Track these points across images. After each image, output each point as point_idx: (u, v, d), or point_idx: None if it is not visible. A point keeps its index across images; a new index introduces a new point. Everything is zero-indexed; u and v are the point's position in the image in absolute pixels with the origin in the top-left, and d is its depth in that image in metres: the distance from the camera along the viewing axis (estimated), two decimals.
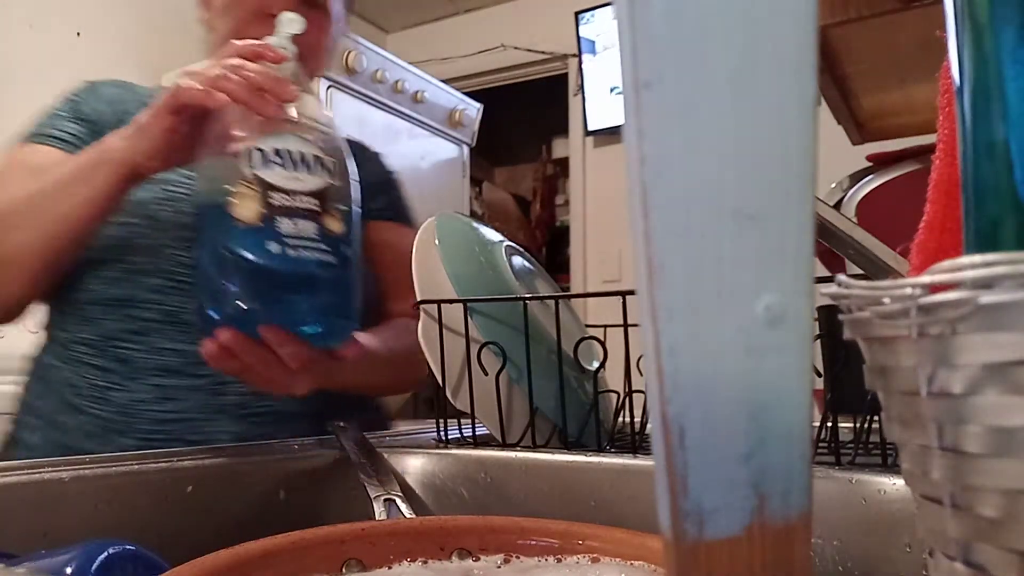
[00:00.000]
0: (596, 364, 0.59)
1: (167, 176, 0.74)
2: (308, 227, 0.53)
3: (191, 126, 0.61)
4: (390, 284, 0.90)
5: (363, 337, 0.62)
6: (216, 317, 0.54)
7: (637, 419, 0.56)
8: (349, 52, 2.26)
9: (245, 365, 0.57)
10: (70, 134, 0.80)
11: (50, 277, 0.74)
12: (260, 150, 0.54)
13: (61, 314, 0.80)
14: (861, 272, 0.45)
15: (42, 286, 0.75)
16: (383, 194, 0.94)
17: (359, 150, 0.96)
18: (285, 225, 0.52)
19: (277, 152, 0.54)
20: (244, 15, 0.81)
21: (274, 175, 0.53)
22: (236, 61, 0.59)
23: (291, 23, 0.63)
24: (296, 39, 0.84)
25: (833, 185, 0.84)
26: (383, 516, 0.45)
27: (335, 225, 0.55)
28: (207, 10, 0.86)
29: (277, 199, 0.53)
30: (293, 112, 0.58)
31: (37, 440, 0.78)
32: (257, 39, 0.80)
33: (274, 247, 0.52)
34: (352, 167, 0.60)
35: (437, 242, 0.62)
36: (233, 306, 0.52)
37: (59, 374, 0.78)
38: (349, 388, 0.72)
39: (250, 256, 0.52)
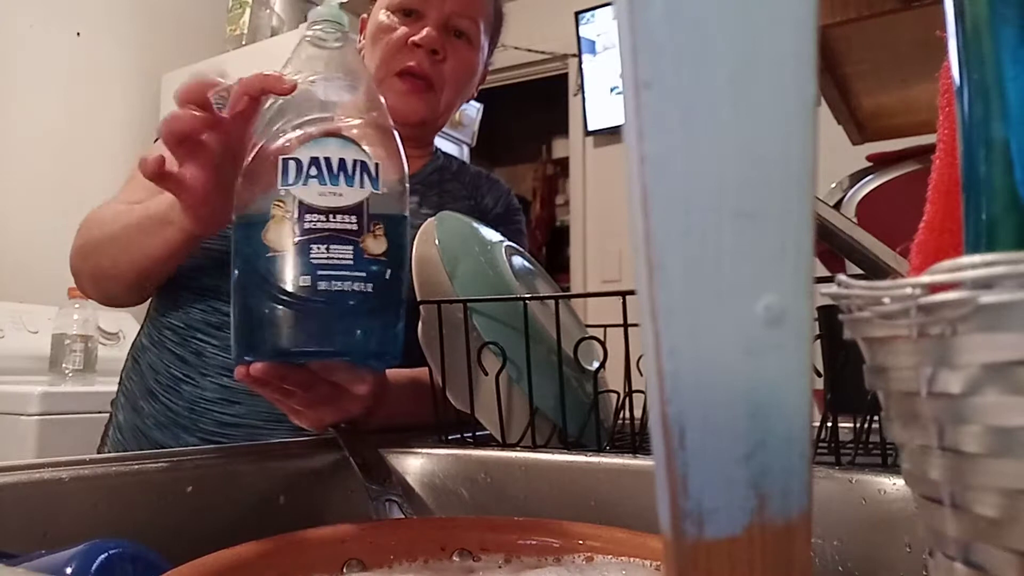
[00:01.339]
0: (596, 364, 0.59)
1: None
2: (344, 252, 0.48)
3: (224, 173, 0.56)
4: None
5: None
6: (244, 350, 0.50)
7: (637, 419, 0.56)
8: None
9: (279, 392, 0.54)
10: None
11: (149, 287, 0.79)
12: (296, 161, 0.49)
13: (159, 296, 0.83)
14: (861, 272, 0.45)
15: (143, 292, 0.80)
16: (502, 226, 0.94)
17: (486, 181, 1.00)
18: (318, 252, 0.47)
19: (314, 162, 0.49)
20: (391, 45, 0.87)
21: (309, 192, 0.48)
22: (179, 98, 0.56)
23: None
24: (441, 66, 0.87)
25: (833, 185, 0.84)
26: (383, 516, 0.45)
27: (375, 245, 0.49)
28: (363, 41, 0.93)
29: (311, 221, 0.48)
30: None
31: (123, 420, 0.82)
32: (402, 68, 0.85)
33: (305, 280, 0.47)
34: (403, 159, 0.54)
35: (437, 242, 0.62)
36: (261, 340, 0.49)
37: (148, 357, 0.82)
38: (384, 423, 0.71)
39: (279, 290, 0.48)
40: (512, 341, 0.55)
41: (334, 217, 0.48)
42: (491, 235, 0.69)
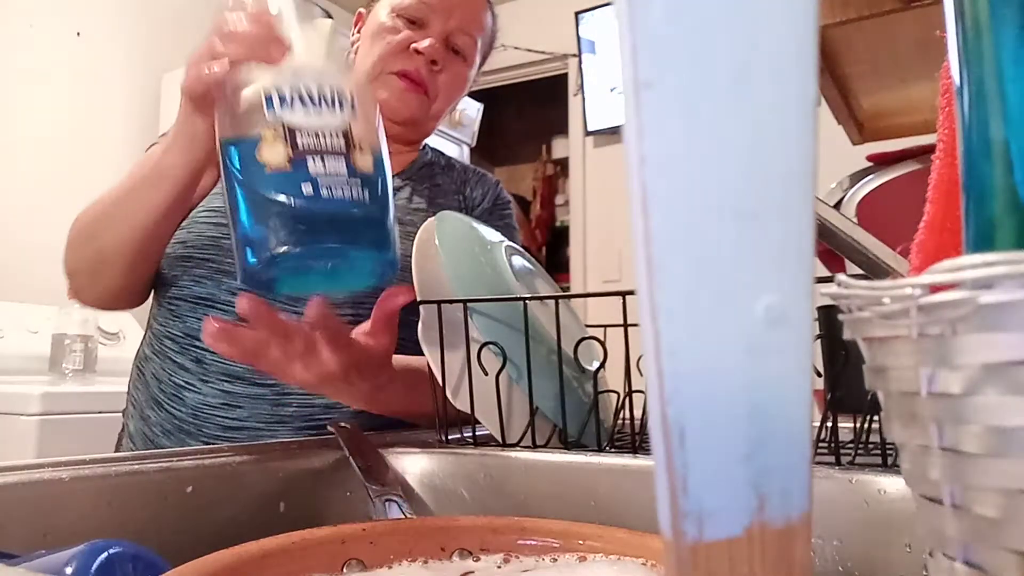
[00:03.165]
0: (596, 364, 0.59)
1: None
2: (338, 166, 0.51)
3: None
4: None
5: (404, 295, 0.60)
6: (254, 262, 0.52)
7: (637, 419, 0.56)
8: (350, 52, 2.26)
9: (259, 342, 0.56)
10: None
11: (145, 268, 0.80)
12: (279, 90, 0.52)
13: (158, 307, 0.85)
14: (861, 272, 0.45)
15: (138, 277, 0.81)
16: (490, 222, 0.95)
17: (474, 175, 1.02)
18: (315, 166, 0.50)
19: (296, 91, 0.52)
20: (392, 47, 0.89)
21: (296, 115, 0.51)
22: (222, 25, 0.58)
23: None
24: (437, 77, 0.89)
25: (833, 185, 0.84)
26: (383, 516, 0.46)
27: (364, 162, 0.53)
28: (358, 35, 0.95)
29: (303, 140, 0.51)
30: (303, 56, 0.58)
31: (132, 428, 0.84)
32: (400, 70, 0.87)
33: (307, 188, 0.50)
34: (377, 113, 0.58)
35: (437, 242, 0.62)
36: (271, 250, 0.50)
37: (150, 366, 0.83)
38: (388, 410, 0.71)
39: (285, 199, 0.50)
40: (512, 341, 0.55)
41: (324, 135, 0.51)
42: (491, 235, 0.69)
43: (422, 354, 0.60)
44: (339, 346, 0.57)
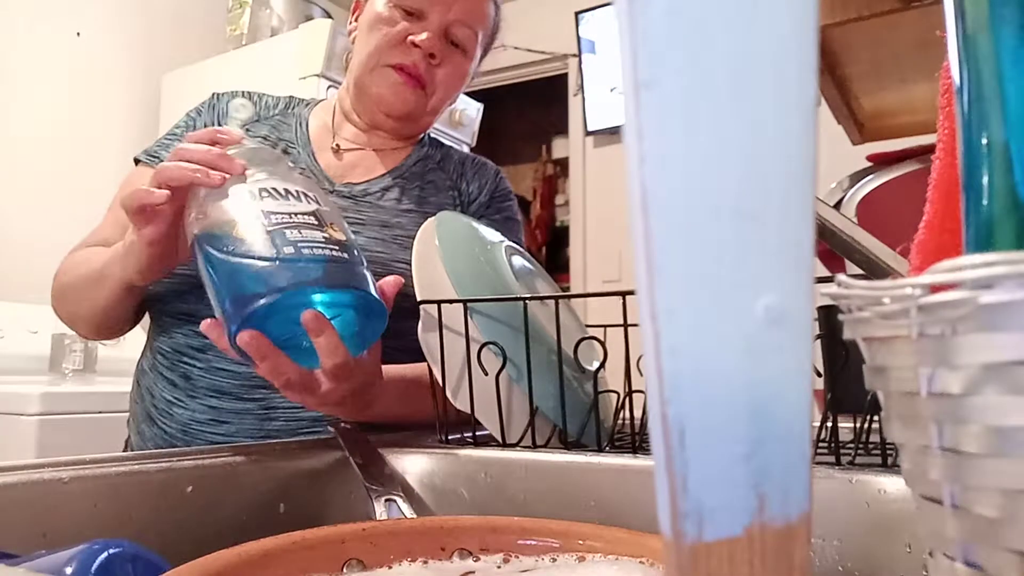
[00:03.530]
0: (596, 364, 0.59)
1: None
2: (314, 234, 0.54)
3: (169, 227, 0.62)
4: None
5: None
6: (235, 325, 0.53)
7: (637, 419, 0.56)
8: (350, 52, 2.26)
9: (273, 366, 0.55)
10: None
11: (116, 326, 0.83)
12: (250, 190, 0.56)
13: (152, 321, 0.86)
14: (861, 272, 0.45)
15: (109, 334, 0.84)
16: (486, 216, 0.94)
17: (472, 166, 0.99)
18: (292, 233, 0.53)
19: (263, 190, 0.56)
20: (389, 38, 0.87)
21: (267, 205, 0.55)
22: (181, 147, 0.60)
23: (240, 109, 0.69)
24: (435, 71, 0.89)
25: (833, 185, 0.84)
26: (383, 516, 0.46)
27: (339, 234, 0.56)
28: (355, 24, 0.94)
29: (278, 217, 0.54)
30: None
31: (134, 441, 0.85)
32: (397, 64, 0.86)
33: (287, 249, 0.52)
34: (336, 210, 0.61)
35: (437, 242, 0.62)
36: (255, 306, 0.51)
37: (146, 380, 0.83)
38: (378, 419, 0.71)
39: (265, 257, 0.52)
40: (512, 341, 0.55)
41: (297, 216, 0.55)
42: (491, 235, 0.69)
43: (417, 361, 0.60)
44: (341, 378, 0.57)
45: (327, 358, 0.54)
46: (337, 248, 0.54)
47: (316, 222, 0.55)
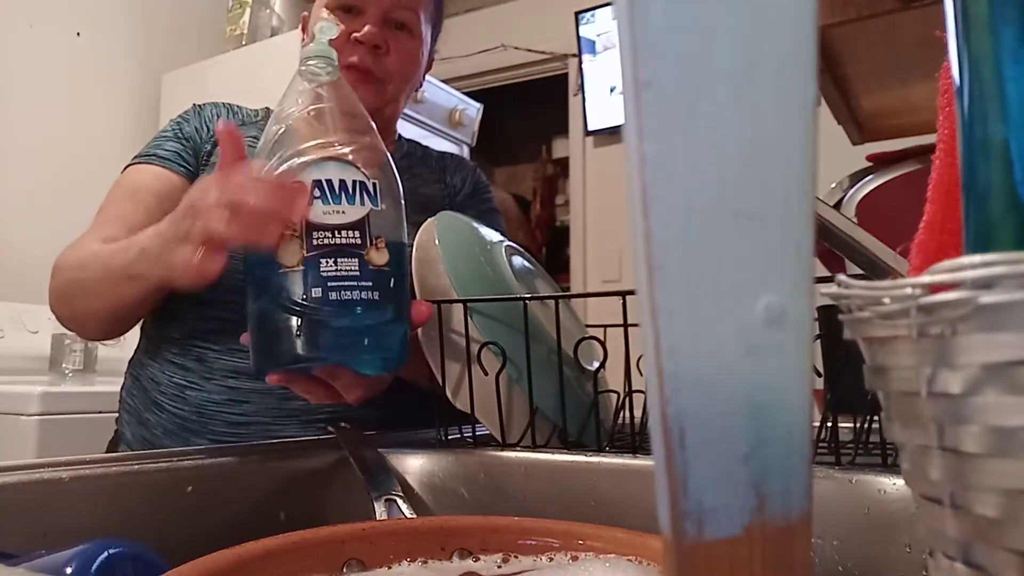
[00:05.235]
0: (596, 364, 0.59)
1: None
2: (350, 264, 0.52)
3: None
4: None
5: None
6: (263, 362, 0.54)
7: (637, 419, 0.56)
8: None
9: (305, 391, 0.58)
10: (169, 151, 0.86)
11: (122, 327, 0.80)
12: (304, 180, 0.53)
13: (152, 314, 0.85)
14: (861, 272, 0.45)
15: (122, 330, 0.81)
16: (472, 207, 0.95)
17: (451, 160, 1.01)
18: (327, 266, 0.51)
19: (317, 185, 0.52)
20: (333, 43, 0.86)
21: (314, 212, 0.52)
22: (241, 200, 0.53)
23: (326, 30, 0.60)
24: (384, 60, 0.88)
25: (833, 185, 0.84)
26: (383, 516, 0.46)
27: (378, 257, 0.53)
28: (305, 31, 0.94)
29: (318, 238, 0.52)
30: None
31: (130, 435, 0.84)
32: (346, 64, 0.84)
33: (316, 292, 0.51)
34: (397, 178, 0.58)
35: (437, 242, 0.62)
36: (280, 352, 0.53)
37: (147, 371, 0.83)
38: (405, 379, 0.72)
39: (293, 303, 0.51)
40: (512, 341, 0.55)
41: (339, 233, 0.52)
42: (491, 235, 0.69)
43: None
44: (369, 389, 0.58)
45: (348, 395, 0.57)
46: (370, 287, 0.52)
47: (358, 242, 0.52)
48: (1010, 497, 0.17)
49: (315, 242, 0.51)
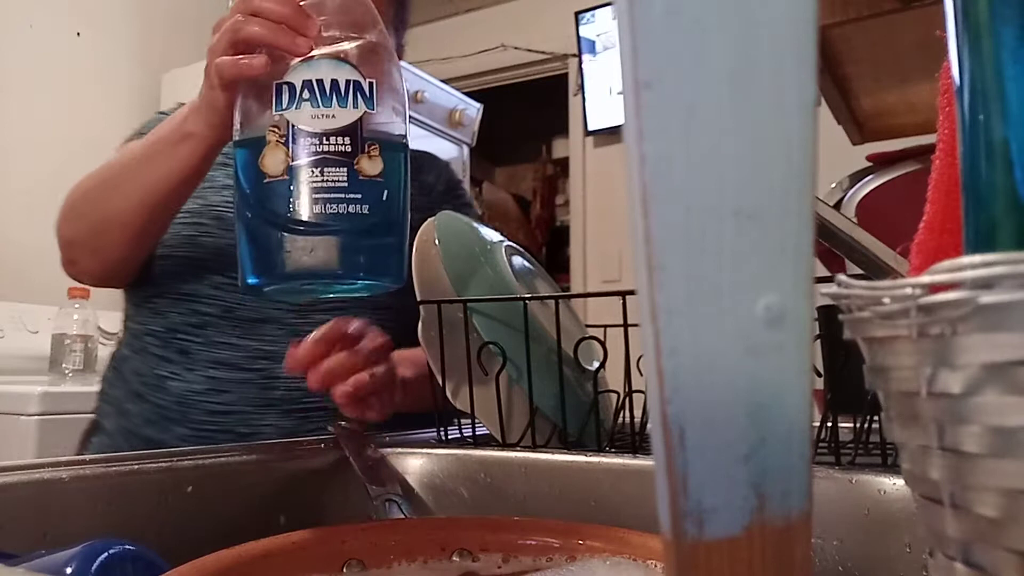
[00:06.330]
0: (596, 364, 0.59)
1: None
2: (338, 174, 0.48)
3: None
4: None
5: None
6: (249, 275, 0.51)
7: (637, 419, 0.56)
8: None
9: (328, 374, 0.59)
10: None
11: (150, 238, 0.77)
12: (290, 85, 0.49)
13: (135, 307, 0.85)
14: (861, 272, 0.45)
15: (143, 247, 0.78)
16: (448, 203, 0.95)
17: (423, 157, 1.00)
18: (313, 176, 0.48)
19: (307, 85, 0.49)
20: None
21: (302, 115, 0.48)
22: (252, 6, 0.53)
23: None
24: None
25: (833, 185, 0.84)
26: (383, 516, 0.46)
27: (370, 166, 0.49)
28: None
29: (304, 145, 0.48)
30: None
31: (110, 426, 0.83)
32: None
33: (300, 204, 0.47)
34: (402, 79, 0.54)
35: (437, 242, 0.62)
36: (265, 264, 0.49)
37: (129, 364, 0.83)
38: (411, 408, 0.72)
39: (277, 215, 0.48)
40: (512, 341, 0.55)
41: (327, 139, 0.48)
42: (491, 235, 0.69)
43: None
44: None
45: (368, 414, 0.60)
46: (359, 199, 0.48)
47: (348, 148, 0.48)
48: (1010, 497, 0.17)
49: (300, 149, 0.48)
